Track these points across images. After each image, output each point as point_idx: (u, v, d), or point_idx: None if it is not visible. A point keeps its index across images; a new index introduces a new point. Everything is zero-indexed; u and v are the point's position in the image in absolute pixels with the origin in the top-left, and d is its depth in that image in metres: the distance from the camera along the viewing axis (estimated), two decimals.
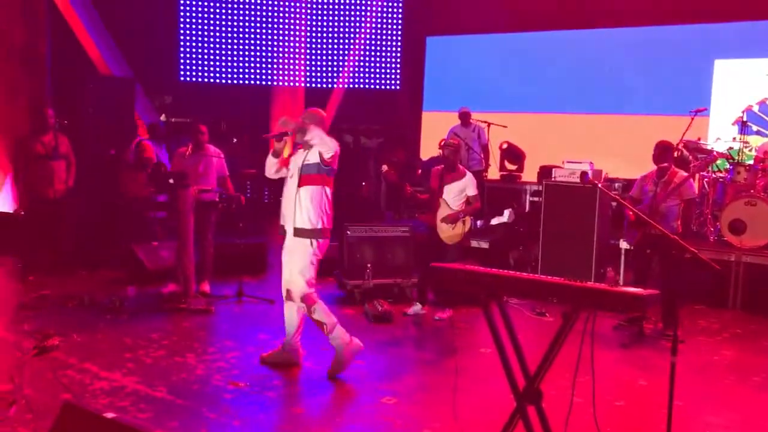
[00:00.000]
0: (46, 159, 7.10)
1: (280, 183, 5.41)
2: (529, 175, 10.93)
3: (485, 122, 10.47)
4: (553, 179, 8.04)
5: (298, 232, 5.03)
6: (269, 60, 14.38)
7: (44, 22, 8.86)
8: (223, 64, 14.08)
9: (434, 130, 11.97)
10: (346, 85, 14.80)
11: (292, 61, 14.38)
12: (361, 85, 14.60)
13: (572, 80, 11.87)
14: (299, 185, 5.03)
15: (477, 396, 4.55)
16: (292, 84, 14.63)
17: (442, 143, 11.06)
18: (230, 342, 5.66)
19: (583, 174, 5.44)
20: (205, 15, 14.06)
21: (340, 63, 14.69)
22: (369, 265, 7.10)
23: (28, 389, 4.32)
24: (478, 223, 9.76)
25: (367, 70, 14.67)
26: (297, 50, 14.48)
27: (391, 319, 6.41)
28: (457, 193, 6.49)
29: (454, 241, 6.50)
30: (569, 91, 11.89)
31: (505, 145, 10.90)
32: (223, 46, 14.08)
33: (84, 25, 11.31)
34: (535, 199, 9.93)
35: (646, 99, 11.04)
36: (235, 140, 15.02)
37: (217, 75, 14.17)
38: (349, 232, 7.37)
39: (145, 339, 5.58)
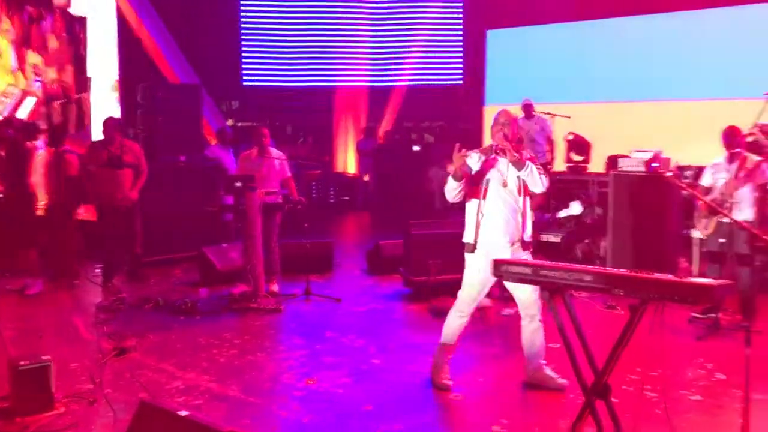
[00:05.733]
0: (111, 167, 7.31)
1: (343, 183, 5.40)
2: (596, 165, 10.69)
3: (548, 114, 10.31)
4: (620, 169, 7.85)
5: (527, 246, 4.61)
6: (331, 61, 14.54)
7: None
8: (285, 67, 14.34)
9: None
10: (408, 83, 14.81)
11: (353, 61, 14.50)
12: (423, 82, 14.60)
13: (637, 67, 11.56)
14: (522, 194, 4.55)
15: (546, 391, 4.50)
16: (354, 83, 14.75)
17: None
18: (299, 340, 5.77)
19: (648, 162, 5.28)
20: (266, 19, 14.34)
21: (402, 60, 14.72)
22: (433, 262, 7.09)
23: (108, 388, 4.51)
24: (546, 216, 9.63)
25: (428, 66, 14.65)
26: (358, 49, 14.60)
27: None
28: None
29: None
30: (635, 79, 11.58)
31: (570, 136, 10.69)
32: (284, 50, 14.35)
33: (150, 33, 11.70)
34: (603, 190, 9.71)
35: (717, 83, 10.64)
36: (301, 140, 15.28)
37: (280, 78, 14.44)
38: (413, 230, 7.38)
39: (217, 338, 5.74)
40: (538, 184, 4.52)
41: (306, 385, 4.73)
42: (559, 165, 10.75)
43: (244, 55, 14.32)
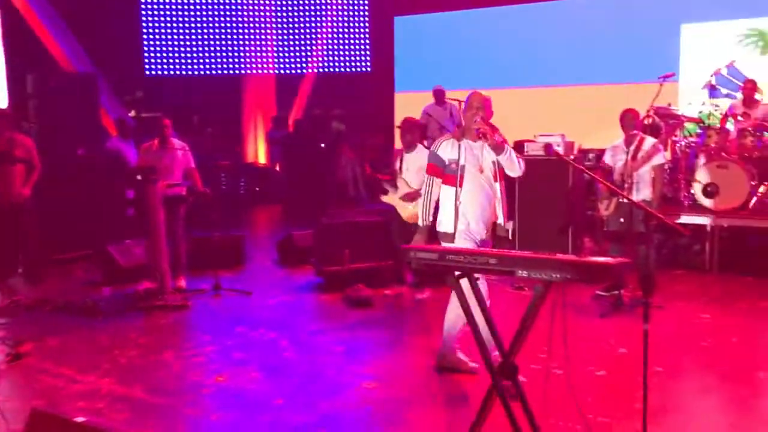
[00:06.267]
0: (0, 163, 6.83)
1: (253, 173, 5.25)
2: None
3: (456, 100, 10.41)
4: (525, 153, 8.00)
5: (502, 229, 4.49)
6: (237, 48, 14.20)
7: None
8: (189, 55, 13.88)
9: (408, 111, 11.88)
10: (316, 70, 14.65)
11: (260, 49, 14.21)
12: (332, 69, 14.47)
13: (541, 53, 11.85)
14: (498, 179, 4.42)
15: (455, 376, 4.53)
16: (262, 72, 14.47)
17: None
18: (208, 336, 5.60)
19: (547, 146, 5.39)
20: (169, 5, 13.83)
21: (310, 48, 14.54)
22: (346, 251, 7.04)
23: (0, 397, 4.24)
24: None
25: (336, 53, 14.54)
26: (265, 37, 14.32)
27: (371, 303, 6.37)
28: (417, 171, 6.45)
29: (414, 221, 6.48)
30: (538, 65, 11.86)
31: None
32: (188, 37, 13.89)
33: (42, 21, 11.07)
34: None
35: (615, 68, 11.03)
36: (209, 130, 14.89)
37: (185, 67, 13.98)
38: (324, 219, 7.31)
39: (121, 339, 5.50)
40: (516, 168, 4.38)
41: (215, 382, 4.59)
42: None
43: (146, 43, 13.78)
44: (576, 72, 11.49)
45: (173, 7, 13.64)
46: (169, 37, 13.68)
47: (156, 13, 13.64)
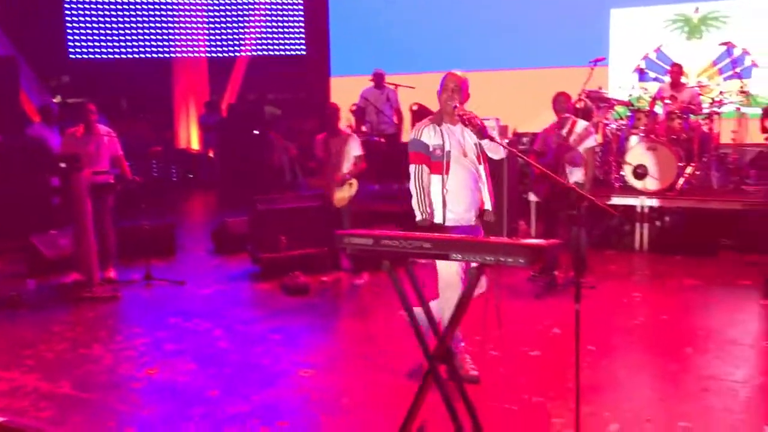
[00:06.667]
0: None
1: (186, 159, 5.09)
2: None
3: (393, 84, 10.36)
4: None
5: (489, 215, 4.27)
6: (166, 31, 13.78)
7: None
8: (116, 38, 13.39)
9: (345, 95, 11.78)
10: (250, 53, 14.36)
11: (191, 31, 13.83)
12: (265, 52, 14.20)
13: (475, 38, 11.88)
14: (482, 162, 4.23)
15: (395, 361, 4.51)
16: (193, 55, 14.10)
17: (353, 108, 10.94)
18: (139, 328, 5.43)
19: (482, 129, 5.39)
20: None
21: (243, 30, 14.23)
22: (282, 237, 6.94)
23: None
24: (374, 186, 9.72)
25: (270, 35, 14.26)
26: (195, 19, 13.95)
27: (308, 291, 6.30)
28: (344, 155, 6.51)
29: (342, 204, 6.65)
30: (472, 49, 11.89)
31: (415, 107, 10.82)
32: (114, 19, 13.38)
33: None
34: None
35: (547, 52, 11.15)
36: (140, 116, 14.44)
37: (111, 50, 13.49)
38: (259, 205, 7.17)
39: (46, 332, 5.28)
40: (500, 150, 4.18)
41: (146, 375, 4.45)
42: (406, 136, 10.87)
43: (69, 25, 13.22)
44: (509, 56, 11.57)
45: None
46: (95, 19, 13.16)
47: None
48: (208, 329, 5.34)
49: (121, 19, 13.25)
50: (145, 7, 13.40)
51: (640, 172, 7.81)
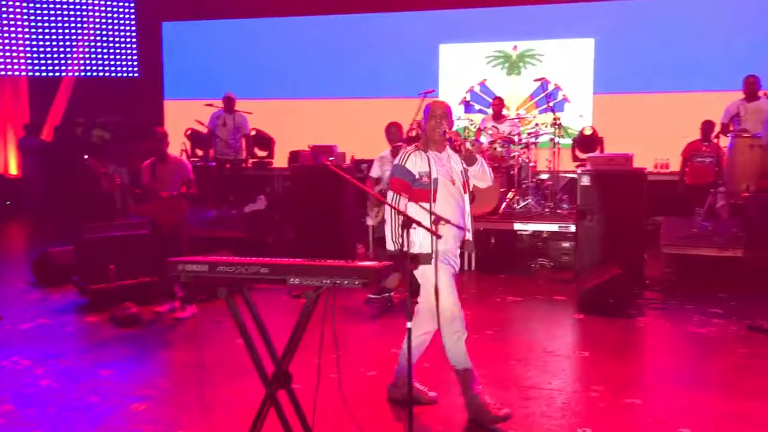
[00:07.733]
0: None
1: (3, 185, 4.73)
2: (280, 161, 10.99)
3: (246, 112, 10.24)
4: (299, 162, 8.14)
5: (470, 246, 4.19)
6: None
7: None
8: None
9: (178, 119, 11.50)
10: (77, 74, 13.64)
11: (8, 48, 12.89)
12: (94, 73, 13.54)
13: (314, 67, 12.11)
14: (466, 190, 4.15)
15: (232, 389, 4.46)
16: (11, 73, 13.15)
17: (188, 133, 10.69)
18: None
19: (323, 156, 5.53)
20: None
21: (68, 49, 13.48)
22: (112, 266, 6.62)
23: None
24: (210, 212, 9.57)
25: (99, 56, 13.64)
26: (13, 35, 13.02)
27: (140, 322, 6.05)
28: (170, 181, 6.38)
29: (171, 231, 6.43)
30: (310, 78, 12.11)
31: (253, 132, 10.80)
32: None
33: None
34: (288, 184, 10.00)
35: (382, 83, 11.60)
36: None
37: None
38: (86, 233, 6.80)
39: None
40: (488, 177, 4.15)
41: None
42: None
43: None
44: (347, 86, 11.90)
45: None
46: None
47: None
48: (28, 367, 4.96)
49: None
50: None
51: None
